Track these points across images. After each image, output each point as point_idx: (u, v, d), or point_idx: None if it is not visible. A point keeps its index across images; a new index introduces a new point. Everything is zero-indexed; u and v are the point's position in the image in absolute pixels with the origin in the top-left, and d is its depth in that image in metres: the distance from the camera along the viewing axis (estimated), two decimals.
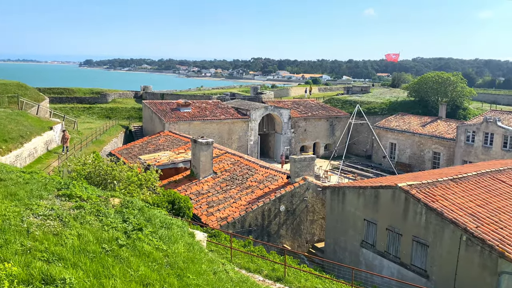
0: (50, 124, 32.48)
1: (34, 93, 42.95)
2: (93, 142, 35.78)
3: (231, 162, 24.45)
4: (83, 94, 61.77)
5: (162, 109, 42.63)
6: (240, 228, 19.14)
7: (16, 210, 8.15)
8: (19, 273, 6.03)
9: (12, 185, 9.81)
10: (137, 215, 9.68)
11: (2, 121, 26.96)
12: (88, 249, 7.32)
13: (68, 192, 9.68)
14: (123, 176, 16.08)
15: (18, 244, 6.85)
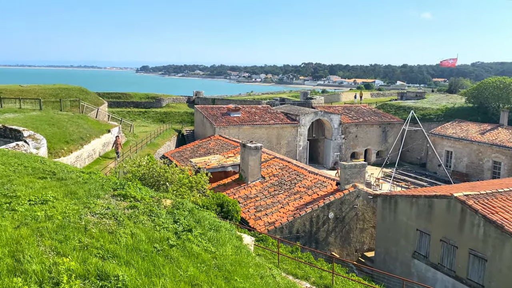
0: (108, 127, 34.08)
1: (94, 98, 45.30)
2: (148, 145, 37.12)
3: (279, 167, 24.44)
4: (139, 99, 64.31)
5: (213, 114, 43.47)
6: (287, 233, 19.06)
7: (75, 208, 8.61)
8: (76, 268, 6.36)
9: (72, 184, 10.37)
10: (187, 217, 9.90)
11: (64, 123, 28.64)
12: (140, 248, 7.58)
13: (123, 192, 10.08)
14: (175, 178, 16.54)
15: (76, 241, 7.23)
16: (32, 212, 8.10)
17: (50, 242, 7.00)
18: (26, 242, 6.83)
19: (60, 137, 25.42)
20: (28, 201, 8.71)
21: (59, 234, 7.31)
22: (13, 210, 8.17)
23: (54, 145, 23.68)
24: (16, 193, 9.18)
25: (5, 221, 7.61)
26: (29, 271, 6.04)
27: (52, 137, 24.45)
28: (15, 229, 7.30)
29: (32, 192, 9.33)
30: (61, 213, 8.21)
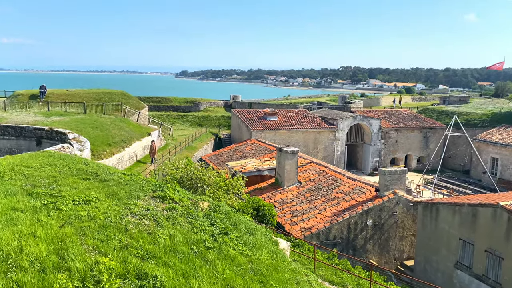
0: (149, 131, 34.97)
1: (135, 102, 46.63)
2: (186, 148, 37.78)
3: (316, 172, 24.20)
4: (178, 103, 65.66)
5: (250, 118, 43.69)
6: (324, 239, 18.82)
7: (116, 208, 8.86)
8: (116, 267, 6.53)
9: (113, 185, 10.70)
10: (224, 220, 9.97)
11: (107, 126, 29.63)
12: (178, 249, 7.69)
13: (162, 194, 10.29)
14: (212, 181, 16.73)
15: (117, 241, 7.43)
16: (75, 212, 8.41)
17: (92, 241, 7.23)
18: (70, 240, 7.10)
19: (103, 140, 26.32)
20: (72, 201, 9.06)
21: (101, 234, 7.54)
22: (58, 209, 8.51)
23: (97, 147, 24.53)
24: (61, 193, 9.57)
25: (50, 220, 7.94)
26: (73, 268, 6.27)
27: (95, 139, 25.34)
28: (59, 228, 7.60)
29: (76, 193, 9.69)
30: (103, 213, 8.48)
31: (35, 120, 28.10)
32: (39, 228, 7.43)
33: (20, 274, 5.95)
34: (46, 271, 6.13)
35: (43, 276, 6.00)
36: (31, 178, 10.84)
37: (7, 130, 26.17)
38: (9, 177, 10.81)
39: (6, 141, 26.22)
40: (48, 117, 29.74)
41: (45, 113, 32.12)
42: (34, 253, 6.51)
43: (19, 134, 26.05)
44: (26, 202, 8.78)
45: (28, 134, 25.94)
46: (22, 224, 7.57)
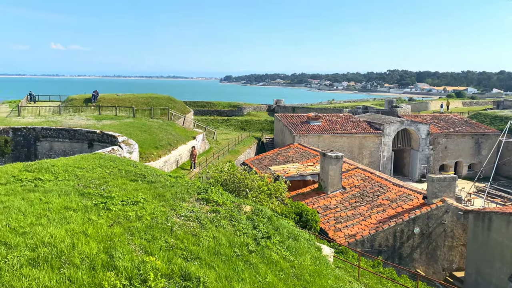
0: (194, 134, 35.69)
1: (181, 106, 47.76)
2: (229, 152, 38.20)
3: (361, 178, 23.71)
4: (222, 107, 66.59)
5: (293, 122, 43.53)
6: (369, 247, 18.37)
7: (162, 210, 9.09)
8: (162, 267, 6.69)
9: (160, 187, 10.98)
10: (266, 224, 9.98)
11: (155, 130, 30.51)
12: (221, 252, 7.78)
13: (206, 196, 10.46)
14: (255, 185, 16.79)
15: (163, 241, 7.62)
16: (124, 212, 8.71)
17: (139, 241, 7.45)
18: (118, 240, 7.35)
19: (150, 143, 27.13)
20: (121, 201, 9.39)
21: (148, 234, 7.76)
22: (108, 209, 8.85)
23: (144, 150, 25.32)
24: (111, 193, 9.94)
25: (101, 219, 8.27)
26: (120, 267, 6.48)
27: (143, 142, 26.17)
28: (109, 227, 7.89)
29: (125, 194, 10.04)
30: (149, 214, 8.72)
31: (87, 124, 29.43)
32: (90, 227, 7.76)
33: (72, 270, 6.23)
34: (95, 269, 6.38)
35: (93, 274, 6.25)
36: (83, 179, 11.35)
37: (61, 133, 27.58)
38: (63, 178, 11.37)
39: (61, 143, 27.63)
40: (99, 121, 31.06)
41: (96, 116, 33.58)
42: (85, 250, 6.79)
43: (72, 137, 27.38)
44: (78, 202, 9.20)
45: (81, 136, 27.21)
46: (74, 222, 7.93)
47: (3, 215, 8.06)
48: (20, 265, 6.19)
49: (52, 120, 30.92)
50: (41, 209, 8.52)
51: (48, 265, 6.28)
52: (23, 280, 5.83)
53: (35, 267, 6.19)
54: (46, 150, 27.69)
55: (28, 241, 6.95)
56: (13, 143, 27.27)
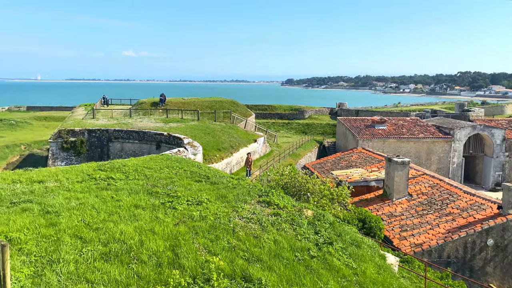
0: (255, 137, 36.06)
1: (243, 109, 48.49)
2: (290, 155, 38.13)
3: (429, 184, 22.60)
4: (283, 110, 66.70)
5: (356, 126, 42.54)
6: (436, 257, 17.44)
7: (225, 210, 9.26)
8: (225, 268, 6.80)
9: (223, 188, 11.20)
10: (328, 229, 9.82)
11: (218, 133, 31.23)
12: (282, 255, 7.76)
13: (267, 199, 10.50)
14: (316, 189, 16.59)
15: (225, 241, 7.75)
16: (189, 212, 8.98)
17: (203, 240, 7.64)
18: (183, 238, 7.59)
19: (213, 145, 27.81)
20: (186, 201, 9.69)
21: (211, 234, 7.93)
22: (174, 208, 9.17)
23: (208, 152, 25.99)
24: (177, 193, 10.30)
25: (167, 218, 8.58)
26: (185, 265, 6.68)
27: (206, 144, 26.88)
28: (174, 226, 8.17)
29: (190, 194, 10.35)
30: (213, 214, 8.92)
31: (155, 126, 30.78)
32: (157, 225, 8.08)
33: (140, 266, 6.53)
34: (162, 266, 6.63)
35: (159, 270, 6.50)
36: (151, 178, 11.86)
37: (132, 134, 29.07)
38: (133, 177, 11.96)
39: (131, 144, 29.13)
40: (166, 123, 32.37)
41: (164, 119, 35.03)
42: (152, 248, 7.08)
43: (142, 138, 28.77)
44: (146, 201, 9.63)
45: (149, 138, 28.52)
46: (142, 220, 8.31)
47: (79, 211, 8.63)
48: (93, 258, 6.59)
49: (123, 123, 32.70)
50: (112, 207, 9.02)
51: (119, 260, 6.62)
52: (96, 273, 6.19)
53: (107, 261, 6.55)
54: (117, 150, 29.33)
55: (100, 236, 7.38)
56: (88, 144, 29.17)
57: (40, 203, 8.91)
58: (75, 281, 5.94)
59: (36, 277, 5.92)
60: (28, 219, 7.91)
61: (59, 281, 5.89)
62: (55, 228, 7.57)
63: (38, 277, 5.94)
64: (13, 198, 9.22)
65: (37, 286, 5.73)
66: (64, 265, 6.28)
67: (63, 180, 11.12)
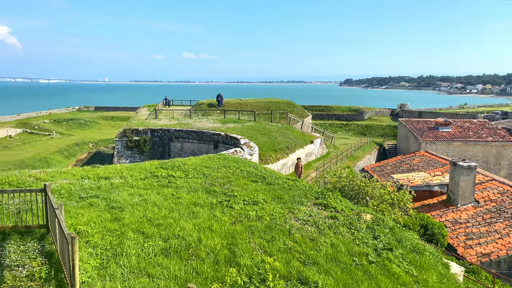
0: (311, 138, 35.71)
1: (299, 110, 48.21)
2: (348, 157, 37.35)
3: (498, 191, 21.17)
4: (341, 111, 65.49)
5: (419, 128, 40.82)
6: (506, 269, 16.28)
7: (281, 211, 9.24)
8: (280, 269, 6.78)
9: (279, 189, 11.19)
10: (388, 234, 9.48)
11: (274, 133, 31.28)
12: (339, 259, 7.60)
13: (324, 202, 10.35)
14: (375, 193, 16.09)
15: (281, 243, 7.72)
16: (245, 211, 9.06)
17: (259, 240, 7.67)
18: (240, 237, 7.66)
19: (269, 146, 27.89)
20: (242, 201, 9.79)
21: (267, 234, 7.95)
22: (231, 207, 9.29)
23: (264, 153, 26.11)
24: (234, 192, 10.43)
25: (224, 216, 8.71)
26: (241, 264, 6.74)
27: (263, 145, 27.01)
28: (231, 225, 8.27)
29: (246, 193, 10.44)
30: (269, 214, 8.93)
31: (213, 126, 31.44)
32: (215, 223, 8.23)
33: (198, 262, 6.67)
34: (219, 263, 6.73)
35: (217, 268, 6.60)
36: (210, 177, 12.11)
37: (191, 134, 29.91)
38: (192, 176, 12.28)
39: (190, 144, 29.97)
40: (224, 124, 32.95)
41: (221, 120, 35.69)
42: (210, 245, 7.22)
43: (200, 138, 29.50)
44: (205, 199, 9.84)
45: (208, 138, 29.17)
46: (201, 218, 8.50)
47: (142, 206, 8.99)
48: (154, 253, 6.83)
49: (183, 123, 33.72)
50: (173, 204, 9.31)
51: (178, 256, 6.81)
52: (156, 267, 6.41)
53: (167, 257, 6.76)
54: (177, 149, 30.30)
55: (161, 232, 7.63)
56: (151, 143, 30.38)
57: (106, 199, 9.40)
58: (137, 275, 6.18)
59: (101, 269, 6.24)
60: (94, 213, 8.37)
61: (122, 274, 6.17)
62: (119, 222, 7.95)
63: (103, 269, 6.25)
64: (82, 193, 9.80)
65: (102, 277, 6.04)
66: (127, 258, 6.56)
67: (127, 177, 11.65)
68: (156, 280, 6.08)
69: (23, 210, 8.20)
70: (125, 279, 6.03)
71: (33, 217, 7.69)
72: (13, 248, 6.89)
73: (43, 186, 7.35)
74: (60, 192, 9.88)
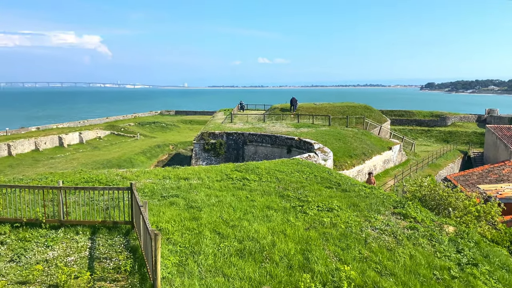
0: (390, 145, 34.40)
1: (377, 115, 46.70)
2: (429, 165, 35.45)
3: None
4: (422, 116, 62.36)
5: (510, 135, 37.59)
6: None
7: (357, 220, 9.01)
8: (355, 278, 6.60)
9: (354, 196, 10.93)
10: (473, 249, 8.84)
11: (349, 139, 30.60)
12: (418, 272, 7.23)
13: (403, 211, 9.91)
14: (459, 205, 15.06)
15: (357, 251, 7.53)
16: (319, 218, 8.96)
17: (334, 248, 7.55)
18: (314, 244, 7.60)
19: (344, 151, 27.33)
20: (316, 206, 9.70)
21: (342, 242, 7.79)
22: (304, 213, 9.26)
23: (339, 158, 25.63)
24: (307, 198, 10.37)
25: (298, 221, 8.70)
26: (315, 270, 6.67)
27: (337, 150, 26.54)
28: (305, 230, 8.23)
29: (320, 199, 10.33)
30: (344, 222, 8.75)
31: (287, 131, 31.53)
32: (288, 227, 8.24)
33: (272, 266, 6.72)
34: (292, 268, 6.73)
35: (290, 272, 6.60)
36: (283, 181, 12.17)
37: (265, 138, 30.27)
38: (266, 179, 12.42)
39: (264, 148, 30.33)
40: (297, 128, 32.91)
41: (295, 124, 35.68)
42: (284, 249, 7.24)
43: (274, 142, 29.74)
44: (278, 203, 9.90)
45: (281, 142, 29.32)
46: (274, 222, 8.56)
47: (218, 207, 9.28)
48: (229, 254, 7.01)
49: (257, 127, 34.24)
50: (247, 206, 9.49)
51: (252, 258, 6.92)
52: (232, 268, 6.57)
53: (242, 258, 6.90)
54: (251, 153, 30.82)
55: (236, 233, 7.81)
56: (226, 146, 31.24)
57: (185, 198, 9.83)
58: (213, 274, 6.38)
59: (180, 266, 6.54)
60: (175, 212, 8.79)
61: (199, 272, 6.41)
62: (197, 222, 8.27)
63: (182, 266, 6.54)
64: (163, 192, 10.34)
65: (181, 274, 6.32)
66: (204, 257, 6.80)
67: (205, 178, 12.09)
68: (232, 280, 6.23)
69: (111, 207, 8.85)
70: (202, 277, 6.26)
71: (120, 213, 8.27)
72: (102, 241, 7.46)
73: (129, 185, 7.87)
74: (144, 190, 10.52)
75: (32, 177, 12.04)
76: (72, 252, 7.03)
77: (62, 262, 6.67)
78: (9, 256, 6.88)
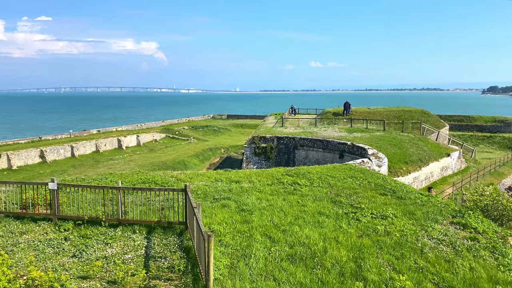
0: (448, 151, 32.86)
1: (435, 120, 44.83)
2: (491, 174, 33.47)
3: None
4: (484, 122, 59.08)
5: None
6: None
7: (412, 228, 8.68)
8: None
9: (410, 204, 10.53)
10: None
11: (405, 144, 29.57)
12: (479, 286, 6.83)
13: (463, 221, 9.42)
14: None
15: (412, 261, 7.24)
16: (373, 225, 8.72)
17: (388, 256, 7.31)
18: (367, 252, 7.40)
19: (399, 157, 26.44)
20: (370, 214, 9.45)
21: (396, 251, 7.53)
22: (357, 220, 9.05)
23: (394, 165, 24.84)
24: (361, 205, 10.14)
25: (350, 228, 8.52)
26: (368, 279, 6.50)
27: (392, 156, 25.72)
28: (358, 238, 8.05)
29: (374, 206, 10.06)
30: (399, 230, 8.46)
31: (339, 135, 31.02)
32: (340, 234, 8.09)
33: (323, 272, 6.63)
34: (344, 276, 6.59)
35: (342, 280, 6.48)
36: (335, 187, 11.98)
37: (316, 143, 29.96)
38: (317, 184, 12.28)
39: (315, 153, 30.03)
40: (350, 133, 32.28)
41: (348, 129, 35.03)
42: (336, 256, 7.12)
43: (325, 147, 29.35)
44: (330, 209, 9.76)
45: (333, 147, 28.89)
46: (326, 228, 8.44)
47: (268, 211, 9.29)
48: (280, 258, 6.99)
49: (308, 131, 33.97)
50: (298, 211, 9.43)
51: (303, 264, 6.86)
52: (282, 272, 6.55)
53: (292, 263, 6.86)
54: (302, 157, 30.62)
55: (287, 238, 7.79)
56: (276, 150, 31.27)
57: (236, 201, 9.95)
58: (264, 277, 6.40)
59: (231, 268, 6.61)
60: (226, 214, 8.91)
61: (250, 275, 6.44)
62: (248, 225, 8.33)
63: (233, 268, 6.62)
64: (215, 195, 10.53)
65: (233, 276, 6.38)
66: (255, 260, 6.84)
67: (256, 182, 12.17)
68: (282, 285, 6.21)
69: (166, 207, 9.13)
70: (253, 280, 6.29)
71: (174, 214, 8.51)
72: (157, 241, 7.72)
73: (184, 187, 8.09)
74: (197, 192, 10.76)
75: (93, 177, 12.71)
76: (129, 250, 7.33)
77: (120, 259, 6.97)
78: (72, 252, 7.29)
